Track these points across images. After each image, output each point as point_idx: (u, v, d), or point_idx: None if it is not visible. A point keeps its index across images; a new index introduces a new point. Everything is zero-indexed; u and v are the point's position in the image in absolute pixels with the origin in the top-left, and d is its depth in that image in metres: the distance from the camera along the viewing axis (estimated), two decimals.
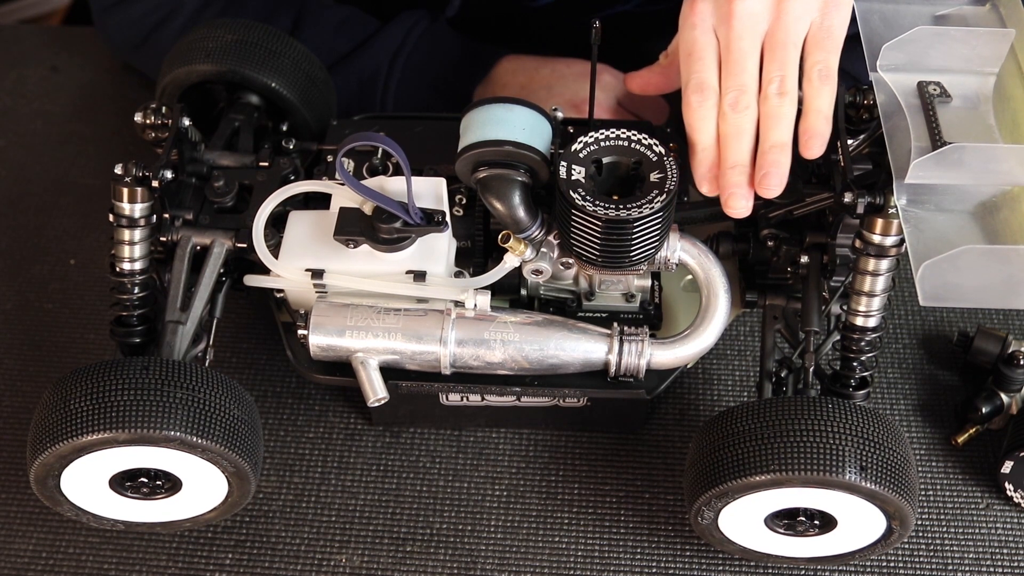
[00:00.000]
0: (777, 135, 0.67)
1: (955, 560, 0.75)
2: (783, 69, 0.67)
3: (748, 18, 0.67)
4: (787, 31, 0.67)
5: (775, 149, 0.66)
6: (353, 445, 0.82)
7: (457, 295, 0.71)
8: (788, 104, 0.67)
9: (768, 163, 0.66)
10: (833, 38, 0.68)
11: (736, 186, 0.67)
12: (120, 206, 0.72)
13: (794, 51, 0.67)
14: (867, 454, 0.64)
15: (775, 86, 0.67)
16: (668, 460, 0.81)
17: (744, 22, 0.67)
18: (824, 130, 0.67)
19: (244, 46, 0.81)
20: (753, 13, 0.67)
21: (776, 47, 0.67)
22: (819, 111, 0.67)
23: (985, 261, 0.61)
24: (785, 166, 0.67)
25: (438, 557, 0.76)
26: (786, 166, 0.67)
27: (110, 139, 1.02)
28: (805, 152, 0.67)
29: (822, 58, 0.67)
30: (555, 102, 0.85)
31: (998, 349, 0.81)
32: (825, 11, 0.68)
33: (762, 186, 0.67)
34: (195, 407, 0.66)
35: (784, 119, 0.67)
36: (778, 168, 0.66)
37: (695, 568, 0.75)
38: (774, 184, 0.67)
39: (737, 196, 0.67)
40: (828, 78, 0.67)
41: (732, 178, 0.67)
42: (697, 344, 0.72)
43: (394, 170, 0.76)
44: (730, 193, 0.67)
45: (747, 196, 0.67)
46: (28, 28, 1.30)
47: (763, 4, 0.67)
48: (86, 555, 0.76)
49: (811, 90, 0.67)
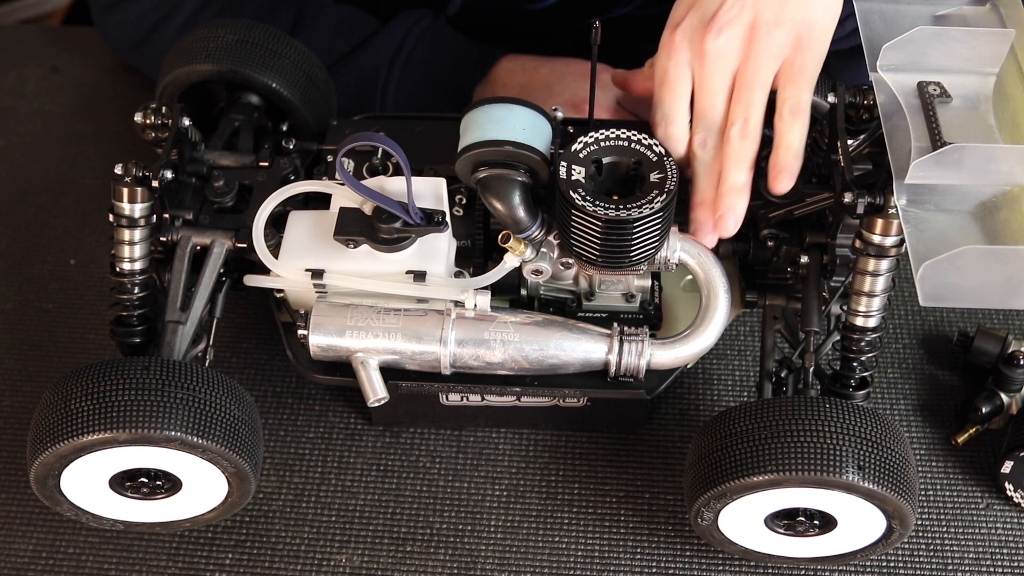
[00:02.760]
0: (734, 176, 0.69)
1: (955, 560, 0.75)
2: (747, 111, 0.68)
3: (719, 57, 0.68)
4: (755, 72, 0.68)
5: (732, 192, 0.69)
6: (353, 445, 0.82)
7: (457, 295, 0.71)
8: (749, 146, 0.68)
9: (724, 205, 0.69)
10: (806, 75, 0.69)
11: (702, 223, 0.71)
12: (120, 206, 0.72)
13: (760, 92, 0.69)
14: (866, 454, 0.64)
15: (737, 128, 0.68)
16: (668, 460, 0.81)
17: (716, 61, 0.68)
18: (794, 166, 0.69)
19: (244, 46, 0.81)
20: (724, 52, 0.68)
21: (743, 88, 0.69)
22: (789, 147, 0.69)
23: (985, 261, 0.61)
24: (742, 208, 0.69)
25: (438, 557, 0.76)
26: (742, 209, 0.69)
27: (110, 139, 1.02)
28: (774, 187, 0.69)
29: (793, 94, 0.68)
30: (555, 102, 0.85)
31: (998, 349, 0.81)
32: (798, 48, 0.69)
33: (718, 227, 0.70)
34: (195, 407, 0.66)
35: (744, 161, 0.69)
36: (734, 211, 0.69)
37: (695, 568, 0.75)
38: (730, 226, 0.70)
39: (703, 232, 0.71)
40: (799, 114, 0.68)
41: (700, 216, 0.71)
42: (697, 344, 0.72)
43: (394, 170, 0.76)
44: (696, 229, 0.71)
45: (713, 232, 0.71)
46: (28, 28, 1.31)
47: (735, 43, 0.68)
48: (86, 555, 0.76)
49: (782, 126, 0.69)
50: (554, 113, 0.73)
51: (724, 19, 0.68)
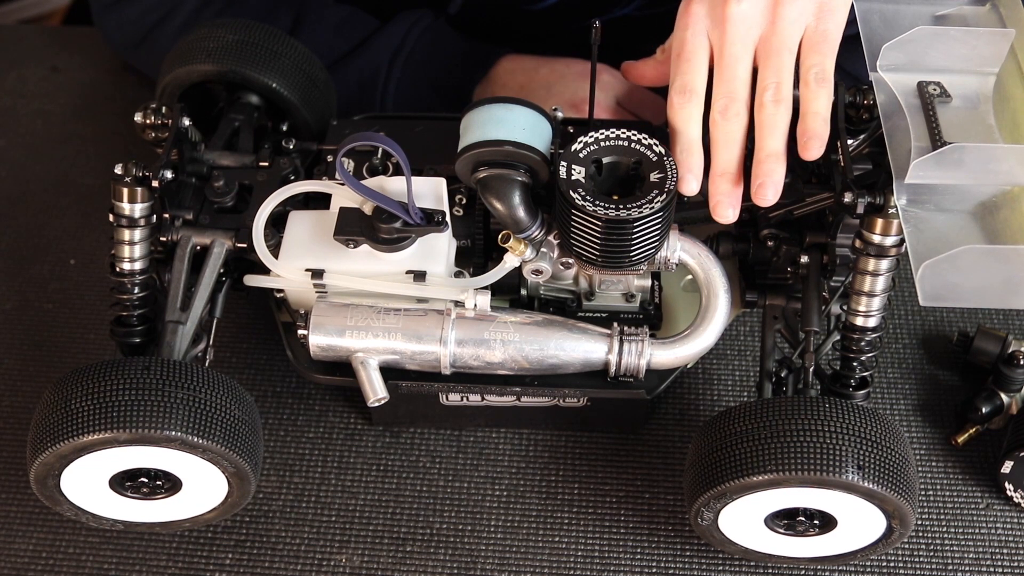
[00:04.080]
0: (772, 144, 0.66)
1: (955, 560, 0.75)
2: (779, 75, 0.66)
3: (742, 22, 0.66)
4: (782, 37, 0.67)
5: (771, 158, 0.66)
6: (353, 445, 0.82)
7: (457, 295, 0.71)
8: (783, 112, 0.66)
9: (764, 172, 0.66)
10: (829, 41, 0.67)
11: (724, 194, 0.67)
12: (120, 206, 0.72)
13: (789, 57, 0.67)
14: (866, 454, 0.64)
15: (771, 93, 0.66)
16: (668, 460, 0.81)
17: (738, 26, 0.67)
18: (823, 132, 0.66)
19: (245, 46, 0.81)
20: (747, 17, 0.67)
21: (771, 53, 0.67)
22: (817, 113, 0.66)
23: (985, 261, 0.61)
24: (780, 175, 0.67)
25: (438, 557, 0.76)
26: (781, 175, 0.67)
27: (110, 139, 1.02)
28: (804, 154, 0.66)
29: (818, 61, 0.67)
30: (555, 102, 0.85)
31: (998, 349, 0.81)
32: (820, 15, 0.67)
33: (758, 195, 0.67)
34: (196, 407, 0.66)
35: (779, 127, 0.66)
36: (773, 178, 0.66)
37: (695, 568, 0.75)
38: (770, 194, 0.67)
39: (724, 204, 0.68)
40: (825, 81, 0.67)
41: (720, 186, 0.67)
42: (697, 344, 0.72)
43: (394, 170, 0.76)
44: (717, 201, 0.68)
45: (735, 204, 0.68)
46: (28, 28, 1.31)
47: (758, 8, 0.67)
48: (86, 555, 0.76)
49: (808, 93, 0.67)
50: (554, 113, 0.73)
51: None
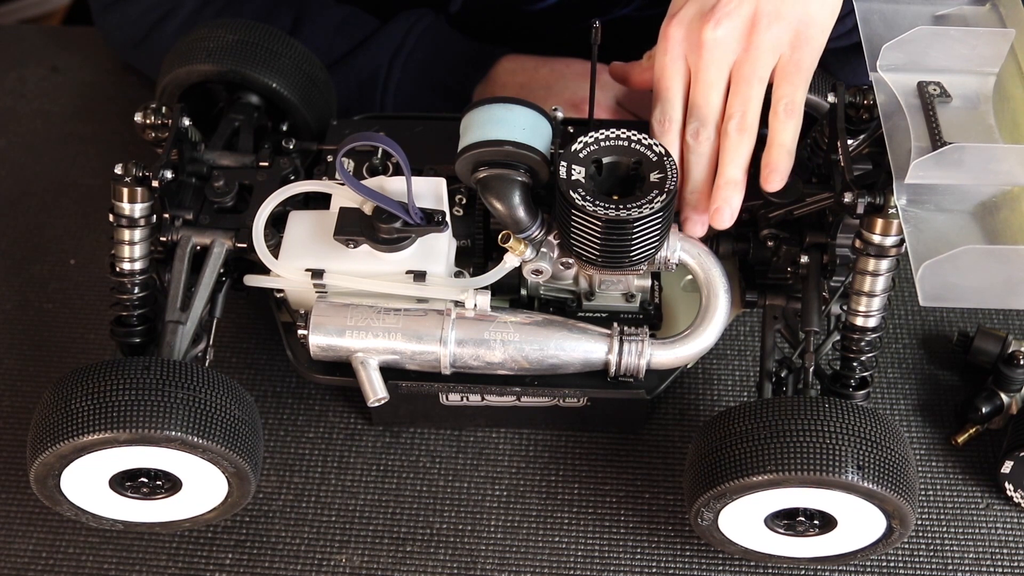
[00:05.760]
0: (731, 171, 0.69)
1: (955, 560, 0.75)
2: (745, 105, 0.68)
3: (717, 48, 0.68)
4: (754, 65, 0.68)
5: (728, 185, 0.69)
6: (353, 445, 0.82)
7: (457, 295, 0.71)
8: (746, 141, 0.68)
9: (721, 198, 0.69)
10: (802, 72, 0.69)
11: (692, 211, 0.71)
12: (120, 206, 0.72)
13: (759, 86, 0.68)
14: (866, 454, 0.64)
15: (735, 122, 0.68)
16: (668, 460, 0.81)
17: (713, 52, 0.68)
18: (785, 165, 0.69)
19: (245, 46, 0.81)
20: (722, 43, 0.68)
21: (741, 81, 0.68)
22: (782, 145, 0.68)
23: (985, 261, 0.61)
24: (737, 202, 0.69)
25: (438, 557, 0.76)
26: (738, 202, 0.69)
27: (110, 139, 1.02)
28: (765, 185, 0.69)
29: (788, 92, 0.68)
30: (555, 102, 0.85)
31: (998, 349, 0.81)
32: (795, 44, 0.68)
33: (714, 219, 0.70)
34: (196, 407, 0.66)
35: (740, 155, 0.69)
36: (729, 204, 0.69)
37: (695, 568, 0.75)
38: (725, 219, 0.70)
39: (693, 221, 0.71)
40: (794, 113, 0.68)
41: (690, 202, 0.71)
42: (697, 344, 0.72)
43: (394, 170, 0.76)
44: (686, 217, 0.72)
45: (702, 222, 0.71)
46: (28, 28, 1.30)
47: (733, 35, 0.68)
48: (86, 555, 0.76)
49: (776, 123, 0.69)
50: (554, 113, 0.73)
51: (724, 10, 0.68)
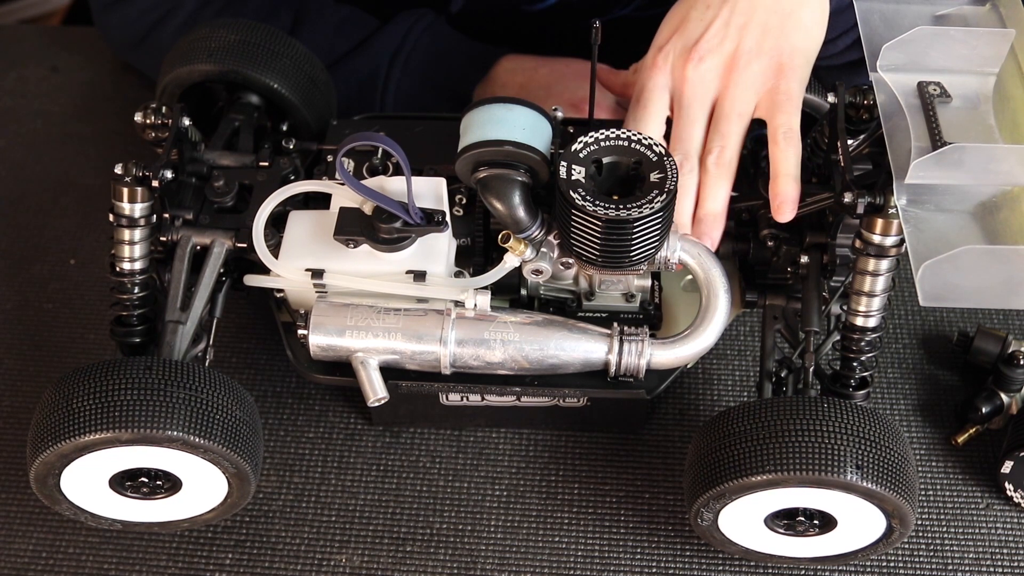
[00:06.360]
0: (712, 205, 0.71)
1: (955, 560, 0.75)
2: (724, 140, 0.70)
3: (700, 84, 0.70)
4: (734, 101, 0.70)
5: (708, 218, 0.71)
6: (353, 445, 0.82)
7: (457, 295, 0.71)
8: (725, 175, 0.70)
9: (702, 232, 0.71)
10: (792, 100, 0.70)
11: None
12: (120, 206, 0.72)
13: (738, 121, 0.70)
14: (865, 453, 0.64)
15: (713, 157, 0.70)
16: (668, 460, 0.81)
17: (696, 88, 0.70)
18: (794, 194, 0.69)
19: (246, 46, 0.81)
20: (704, 80, 0.70)
21: (721, 117, 0.70)
22: (788, 174, 0.69)
23: (985, 261, 0.61)
24: (718, 233, 0.71)
25: (438, 557, 0.76)
26: (719, 233, 0.71)
27: (110, 139, 1.02)
28: (778, 216, 0.70)
29: (784, 121, 0.70)
30: (555, 102, 0.85)
31: (998, 349, 0.81)
32: (781, 75, 0.70)
33: None
34: (197, 408, 0.66)
35: (720, 190, 0.70)
36: (710, 236, 0.71)
37: (695, 568, 0.75)
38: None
39: None
40: (793, 140, 0.70)
41: None
42: (697, 344, 0.72)
43: (394, 170, 0.76)
44: None
45: None
46: (28, 28, 1.31)
47: (714, 71, 0.70)
48: (86, 555, 0.76)
49: (778, 153, 0.69)
50: (554, 113, 0.73)
51: (706, 47, 0.70)
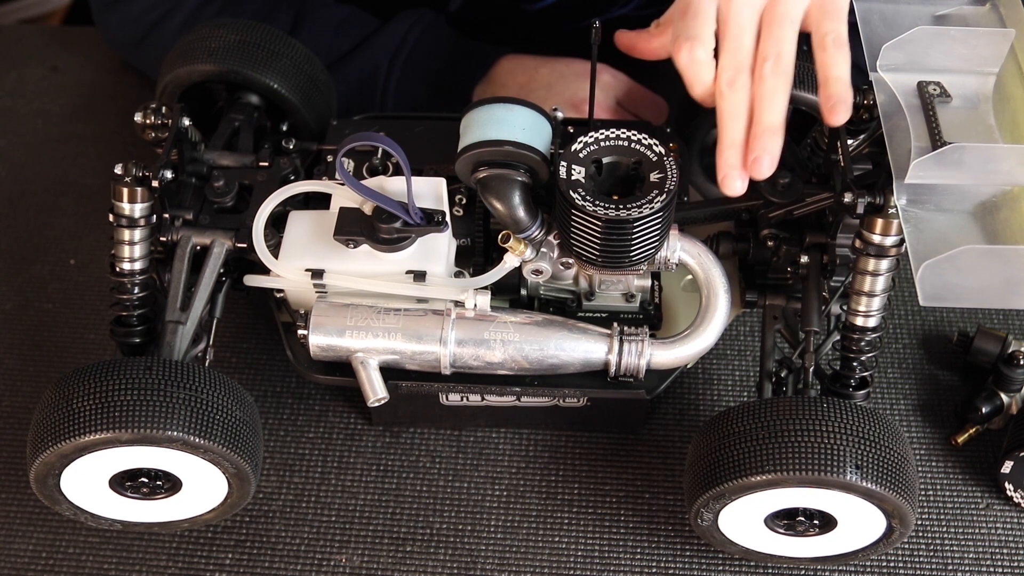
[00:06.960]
0: (770, 117, 0.65)
1: (955, 560, 0.75)
2: (779, 46, 0.65)
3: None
4: (786, 6, 0.66)
5: (767, 133, 0.65)
6: (353, 445, 0.82)
7: (457, 295, 0.71)
8: (783, 84, 0.65)
9: (759, 147, 0.65)
10: (839, 9, 0.66)
11: (732, 167, 0.66)
12: (120, 206, 0.72)
13: (791, 27, 0.66)
14: (865, 453, 0.64)
15: (770, 64, 0.65)
16: (668, 460, 0.81)
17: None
18: (847, 96, 0.65)
19: (246, 46, 0.81)
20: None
21: (773, 23, 0.66)
22: (839, 78, 0.65)
23: (985, 261, 0.61)
24: (777, 149, 0.65)
25: (438, 557, 0.76)
26: (778, 149, 0.65)
27: (110, 139, 1.02)
28: (832, 119, 0.65)
29: (832, 27, 0.66)
30: (555, 102, 0.85)
31: (998, 349, 0.81)
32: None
33: (753, 169, 0.65)
34: (197, 408, 0.66)
35: (778, 99, 0.65)
36: (769, 152, 0.65)
37: (695, 568, 0.75)
38: (765, 168, 0.65)
39: (732, 177, 0.66)
40: (842, 46, 0.65)
41: (729, 159, 0.66)
42: (697, 344, 0.72)
43: (394, 170, 0.76)
44: (725, 174, 0.66)
45: (743, 177, 0.66)
46: (28, 28, 1.30)
47: None
48: (86, 555, 0.76)
49: (827, 58, 0.65)
50: (554, 113, 0.73)
51: None
